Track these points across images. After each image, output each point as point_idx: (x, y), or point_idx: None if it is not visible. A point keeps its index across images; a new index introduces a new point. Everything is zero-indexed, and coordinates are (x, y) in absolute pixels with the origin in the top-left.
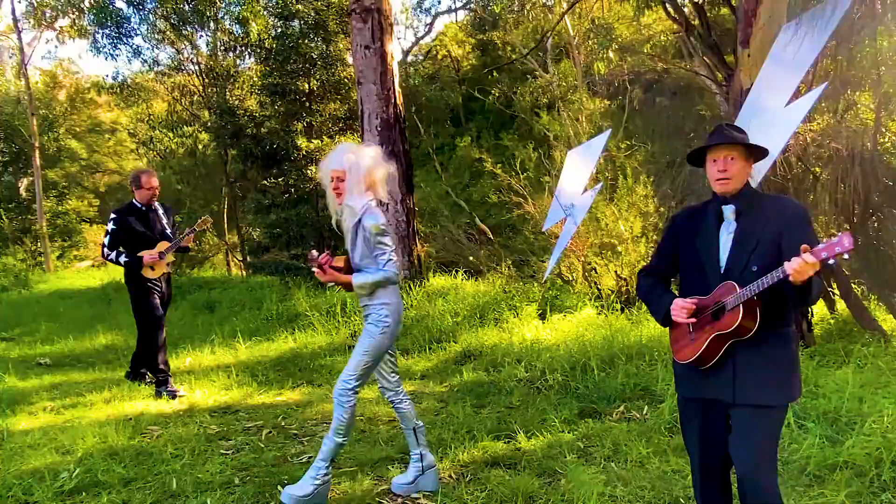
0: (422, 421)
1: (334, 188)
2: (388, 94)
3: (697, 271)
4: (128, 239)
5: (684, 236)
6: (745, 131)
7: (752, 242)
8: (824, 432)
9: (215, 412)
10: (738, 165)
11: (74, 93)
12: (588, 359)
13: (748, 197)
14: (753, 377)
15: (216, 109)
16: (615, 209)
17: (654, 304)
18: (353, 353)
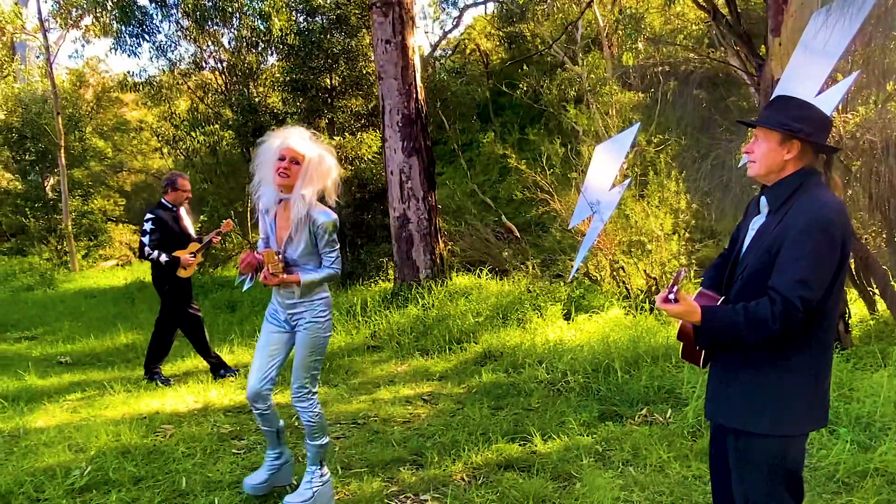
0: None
1: (284, 168)
2: (410, 89)
3: (731, 263)
4: (164, 238)
5: (743, 221)
6: (808, 106)
7: (760, 245)
8: (856, 437)
9: (230, 412)
10: (764, 148)
11: (101, 91)
12: (611, 360)
13: (784, 190)
14: (716, 390)
15: (238, 107)
16: (645, 205)
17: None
18: (299, 357)
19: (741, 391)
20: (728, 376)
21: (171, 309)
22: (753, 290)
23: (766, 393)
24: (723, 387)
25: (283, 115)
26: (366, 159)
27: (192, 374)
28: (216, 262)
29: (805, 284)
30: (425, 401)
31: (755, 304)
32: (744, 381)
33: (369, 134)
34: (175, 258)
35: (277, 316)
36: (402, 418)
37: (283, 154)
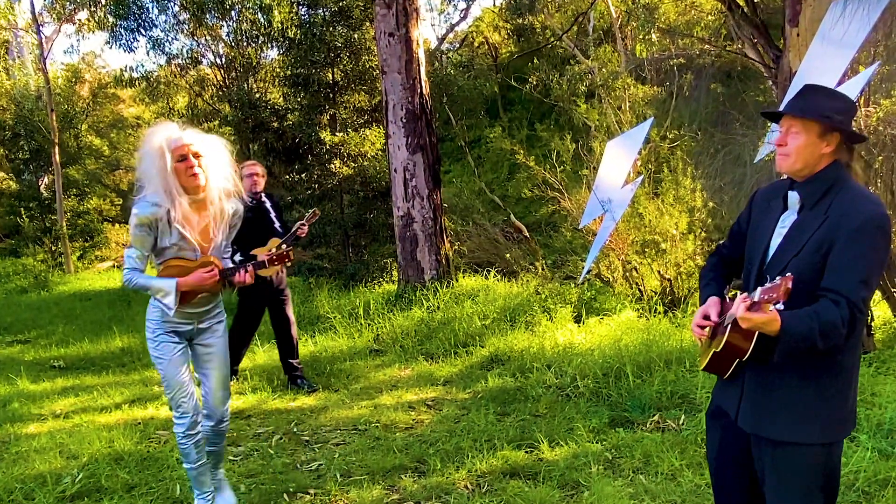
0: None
1: (190, 167)
2: (414, 83)
3: (748, 263)
4: (239, 235)
5: (755, 217)
6: (841, 96)
7: (800, 244)
8: (878, 445)
9: None
10: (801, 141)
11: (97, 87)
12: (623, 364)
13: (820, 185)
14: (757, 400)
15: (237, 102)
16: (659, 203)
17: (701, 292)
18: (222, 367)
19: (789, 400)
20: (771, 385)
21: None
22: (800, 294)
23: (814, 400)
24: (764, 397)
25: (283, 110)
26: (369, 156)
27: None
28: None
29: (867, 285)
30: (429, 406)
31: (818, 309)
32: (792, 388)
33: (373, 130)
34: (251, 257)
35: (178, 329)
36: (405, 424)
37: (182, 154)
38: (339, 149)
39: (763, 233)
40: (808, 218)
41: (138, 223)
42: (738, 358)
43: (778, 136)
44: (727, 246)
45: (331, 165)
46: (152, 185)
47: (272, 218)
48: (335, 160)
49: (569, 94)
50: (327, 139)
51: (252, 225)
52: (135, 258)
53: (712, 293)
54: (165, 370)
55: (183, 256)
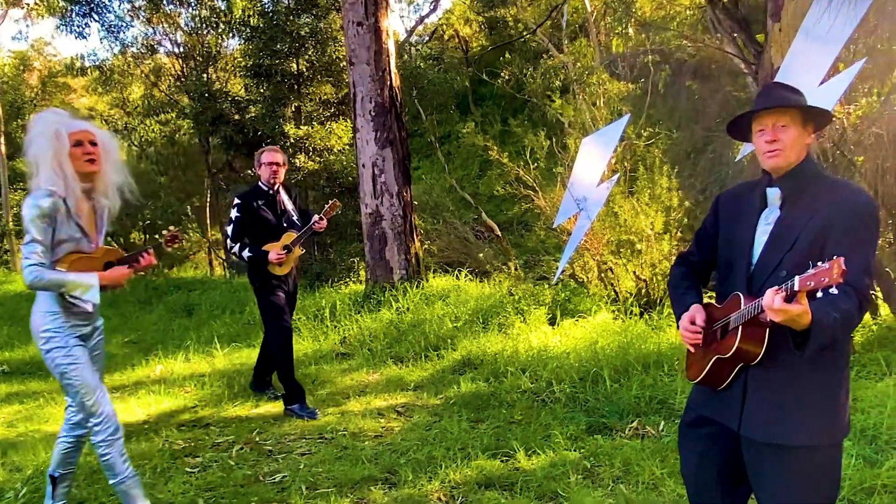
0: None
1: (87, 153)
2: (384, 75)
3: (726, 268)
4: (253, 228)
5: (725, 220)
6: (801, 92)
7: (790, 240)
8: (861, 451)
9: (184, 426)
10: (792, 134)
11: (47, 76)
12: (600, 368)
13: (800, 178)
14: (764, 407)
15: (195, 93)
16: (634, 203)
17: (675, 304)
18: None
19: (798, 403)
20: (777, 389)
21: (262, 311)
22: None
23: (822, 400)
24: (771, 402)
25: (245, 102)
26: (335, 151)
27: (143, 384)
28: (171, 261)
29: (868, 274)
30: (399, 413)
31: (833, 299)
32: (800, 389)
33: (339, 123)
34: (263, 252)
35: (81, 332)
36: (374, 432)
37: (78, 138)
38: (304, 143)
39: (743, 233)
40: (795, 212)
41: (40, 214)
42: (747, 363)
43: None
44: (694, 253)
45: (295, 160)
46: (45, 170)
47: (288, 210)
48: (300, 154)
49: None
50: (291, 132)
51: (265, 217)
52: (38, 253)
53: (694, 300)
54: (82, 375)
55: (81, 249)
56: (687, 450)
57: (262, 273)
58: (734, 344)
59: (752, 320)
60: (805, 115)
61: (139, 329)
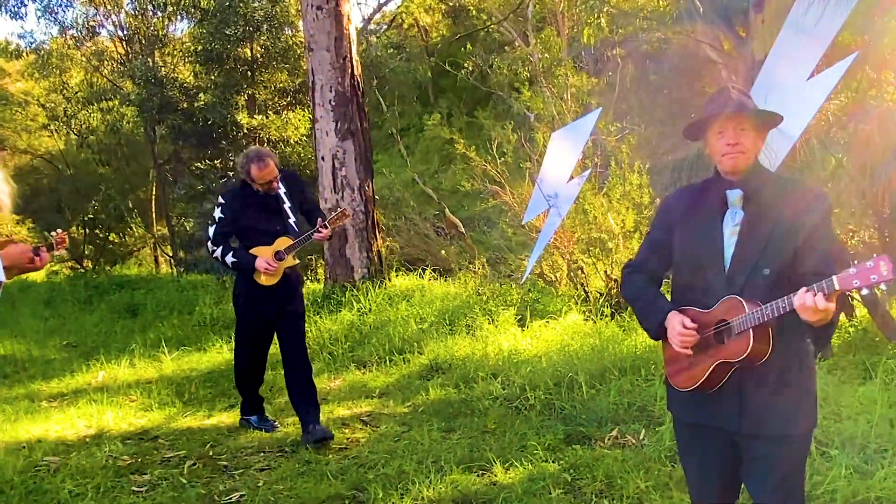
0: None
1: None
2: (345, 62)
3: (694, 272)
4: (241, 229)
5: (680, 225)
6: (751, 96)
7: (762, 238)
8: (851, 462)
9: (129, 439)
10: (752, 137)
11: None
12: (575, 373)
13: (758, 178)
14: (764, 403)
15: (140, 79)
16: (605, 200)
17: (644, 313)
18: None
19: (790, 394)
20: (771, 383)
21: (238, 325)
22: (781, 284)
23: (808, 389)
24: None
25: (194, 89)
26: (292, 142)
27: (83, 392)
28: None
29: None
30: (364, 423)
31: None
32: (789, 382)
33: (296, 113)
34: (249, 258)
35: None
36: (338, 444)
37: None
38: (258, 133)
39: (708, 236)
40: (758, 211)
41: None
42: (753, 363)
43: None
44: (650, 260)
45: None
46: None
47: (285, 210)
48: (254, 145)
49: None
50: (245, 122)
51: (255, 218)
52: None
53: (670, 306)
54: None
55: None
56: (689, 461)
57: (246, 281)
58: (747, 347)
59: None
60: (761, 120)
61: (79, 331)
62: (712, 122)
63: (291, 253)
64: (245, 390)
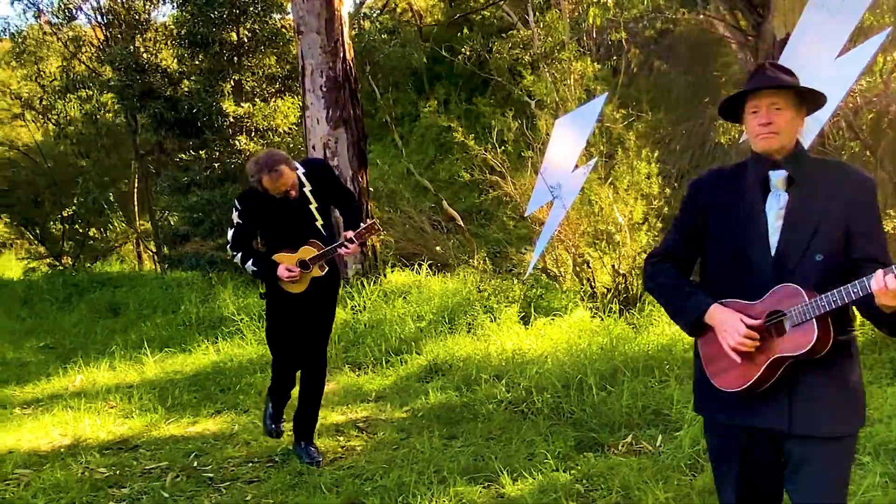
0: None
1: None
2: (336, 46)
3: (735, 259)
4: (263, 233)
5: (715, 209)
6: (794, 74)
7: (812, 222)
8: (886, 469)
9: (108, 449)
10: (787, 117)
11: None
12: (584, 374)
13: (802, 161)
14: (816, 400)
15: (120, 65)
16: (612, 190)
17: (679, 307)
18: None
19: (841, 392)
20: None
21: (266, 330)
22: (831, 269)
23: (857, 387)
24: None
25: (178, 75)
26: (281, 131)
27: (59, 398)
28: (95, 255)
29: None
30: (360, 429)
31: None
32: (842, 378)
33: (286, 101)
34: (271, 264)
35: None
36: (333, 453)
37: None
38: (245, 122)
39: (751, 220)
40: (806, 194)
41: None
42: (812, 357)
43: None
44: (681, 247)
45: (235, 141)
46: None
47: (311, 210)
48: (240, 135)
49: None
50: (231, 110)
51: (276, 222)
52: None
53: (707, 299)
54: None
55: None
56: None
57: (272, 287)
58: (811, 339)
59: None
60: (799, 98)
61: (57, 332)
62: (747, 101)
63: (317, 264)
64: (273, 398)
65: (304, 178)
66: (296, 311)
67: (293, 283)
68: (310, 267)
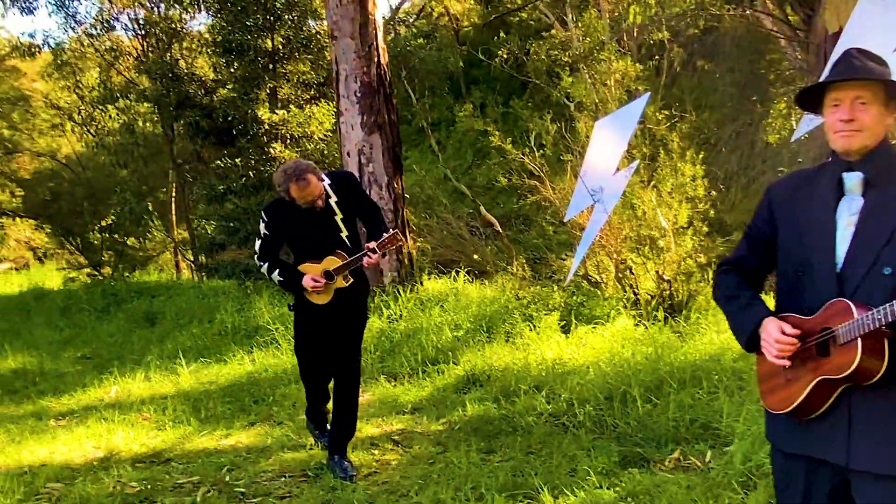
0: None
1: None
2: (370, 51)
3: (799, 270)
4: (290, 244)
5: (786, 215)
6: (886, 63)
7: (885, 231)
8: None
9: (140, 462)
10: (873, 113)
11: None
12: (628, 386)
13: (884, 161)
14: (877, 433)
15: (157, 74)
16: (655, 194)
17: (736, 319)
18: None
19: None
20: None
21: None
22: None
23: None
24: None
25: (213, 83)
26: (316, 138)
27: (94, 409)
28: (133, 264)
29: None
30: (395, 443)
31: None
32: None
33: (320, 107)
34: (296, 274)
35: None
36: (367, 468)
37: None
38: (280, 129)
39: (819, 228)
40: (882, 199)
41: None
42: (862, 382)
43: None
44: (747, 257)
45: (270, 149)
46: None
47: (336, 222)
48: (275, 143)
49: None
50: (266, 117)
51: (308, 231)
52: None
53: (765, 312)
54: None
55: None
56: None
57: (299, 299)
58: (854, 360)
59: (871, 331)
60: (889, 92)
61: (94, 342)
62: (828, 92)
63: (341, 274)
64: (309, 404)
65: (329, 189)
66: (322, 323)
67: (318, 294)
68: (334, 277)
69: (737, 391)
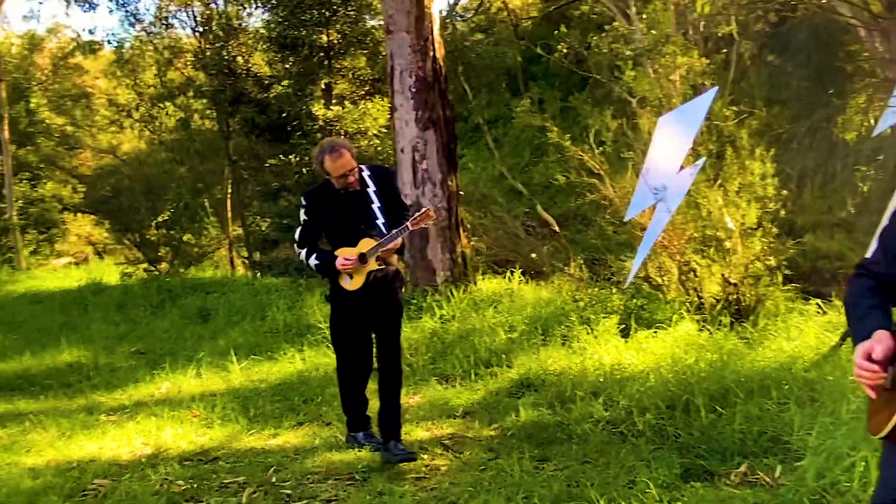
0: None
1: None
2: (426, 45)
3: None
4: (327, 231)
5: None
6: None
7: None
8: None
9: (188, 460)
10: None
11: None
12: (691, 394)
13: None
14: None
15: (213, 70)
16: (721, 193)
17: (853, 329)
18: None
19: None
20: None
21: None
22: None
23: None
24: None
25: (268, 79)
26: (370, 134)
27: (145, 405)
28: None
29: None
30: (446, 447)
31: None
32: None
33: (375, 103)
34: (331, 258)
35: None
36: (416, 473)
37: None
38: (335, 125)
39: None
40: None
41: None
42: None
43: None
44: (879, 262)
45: None
46: None
47: (373, 208)
48: (328, 137)
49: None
50: (320, 114)
51: (345, 217)
52: None
53: (879, 324)
54: None
55: None
56: None
57: (333, 287)
58: None
59: None
60: None
61: (148, 337)
62: None
63: (373, 256)
64: (347, 405)
65: (368, 178)
66: (355, 309)
67: (350, 279)
68: (367, 259)
69: (809, 403)
